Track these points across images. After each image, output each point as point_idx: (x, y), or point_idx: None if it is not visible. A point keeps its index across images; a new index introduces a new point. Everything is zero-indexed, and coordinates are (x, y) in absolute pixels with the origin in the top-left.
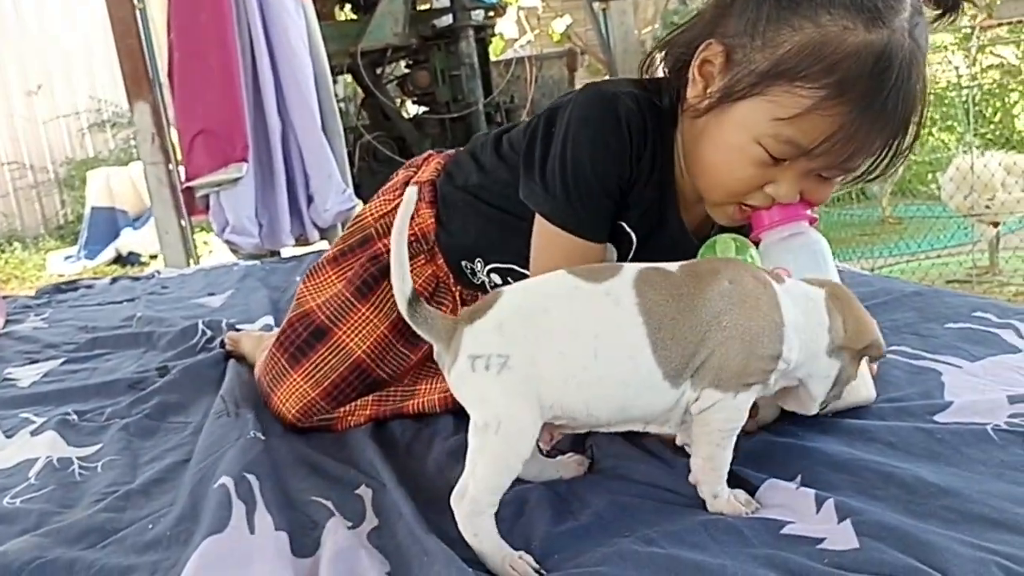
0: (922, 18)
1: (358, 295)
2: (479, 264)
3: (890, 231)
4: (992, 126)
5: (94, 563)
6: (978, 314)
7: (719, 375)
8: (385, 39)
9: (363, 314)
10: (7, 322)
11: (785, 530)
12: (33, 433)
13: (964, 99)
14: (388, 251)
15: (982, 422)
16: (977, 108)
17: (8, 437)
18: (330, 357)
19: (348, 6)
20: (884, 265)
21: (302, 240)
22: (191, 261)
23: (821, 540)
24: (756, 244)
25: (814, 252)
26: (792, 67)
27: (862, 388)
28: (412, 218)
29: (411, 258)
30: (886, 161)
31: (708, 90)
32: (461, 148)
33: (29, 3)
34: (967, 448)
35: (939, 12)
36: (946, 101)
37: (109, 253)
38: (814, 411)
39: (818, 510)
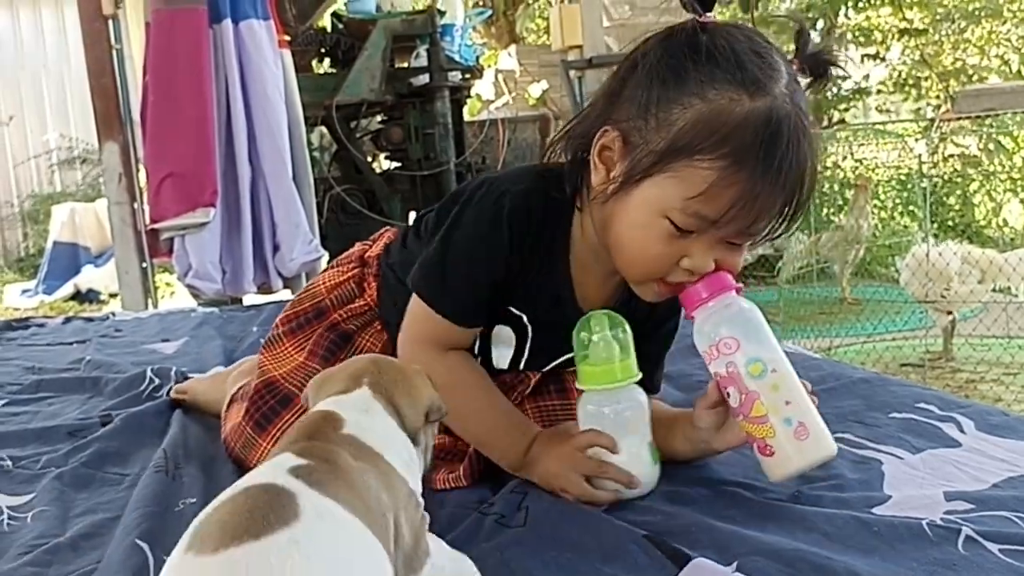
0: (798, 85)
1: (323, 363)
2: None
3: (848, 311)
4: (952, 214)
5: None
6: (921, 405)
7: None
8: (361, 94)
9: None
10: None
11: None
12: None
13: (924, 187)
14: (344, 319)
15: (918, 517)
16: (935, 196)
17: None
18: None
19: (327, 60)
20: (841, 345)
21: (265, 288)
22: (150, 302)
23: None
24: (661, 321)
25: (750, 320)
26: (688, 143)
27: (825, 444)
28: (362, 291)
29: (367, 324)
30: (788, 220)
31: (611, 175)
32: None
33: (6, 34)
34: (902, 544)
35: (810, 79)
36: (908, 187)
37: (68, 289)
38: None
39: None
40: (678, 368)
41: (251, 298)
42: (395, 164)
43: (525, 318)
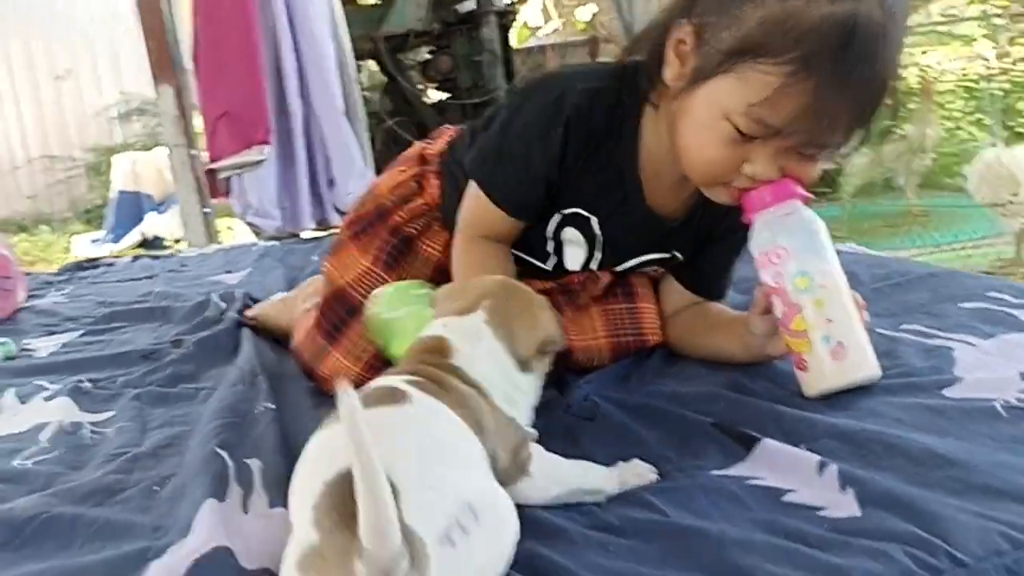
0: None
1: (387, 269)
2: None
3: (915, 223)
4: (1023, 119)
5: (97, 519)
6: (993, 294)
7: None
8: (407, 24)
9: None
10: (29, 297)
11: (786, 498)
12: (47, 399)
13: (992, 92)
14: (407, 222)
15: (990, 398)
16: (1005, 102)
17: (23, 403)
18: (366, 332)
19: None
20: (908, 257)
21: (323, 223)
22: (213, 244)
23: (822, 508)
24: (737, 226)
25: (808, 230)
26: (756, 43)
27: (865, 366)
28: (422, 189)
29: (428, 225)
30: (861, 134)
31: (682, 70)
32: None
33: None
34: (975, 423)
35: None
36: (975, 94)
37: (134, 237)
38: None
39: (820, 476)
40: (741, 273)
41: (309, 234)
42: (445, 95)
43: (594, 220)
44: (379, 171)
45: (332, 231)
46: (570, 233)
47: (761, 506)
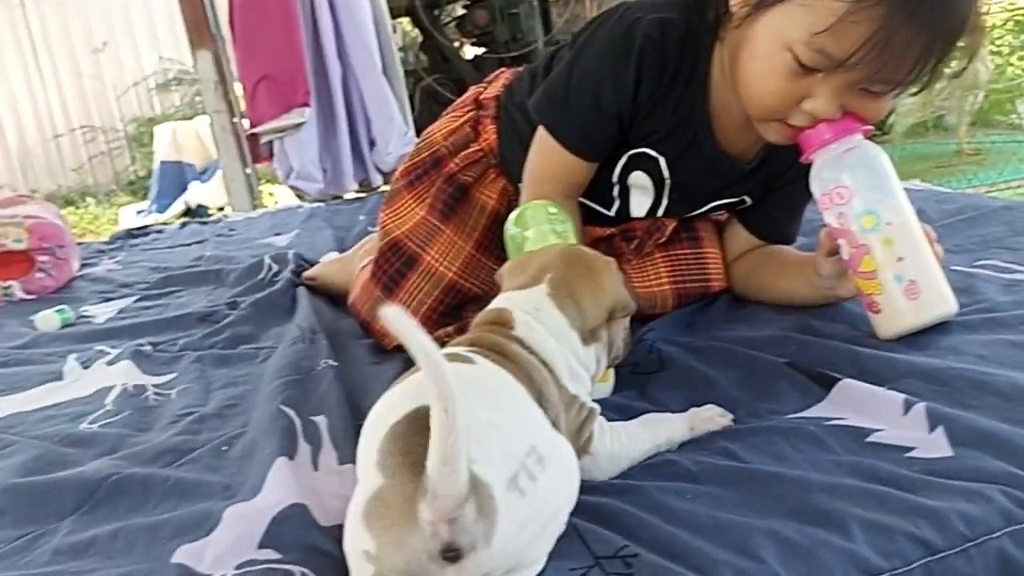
0: None
1: (442, 218)
2: None
3: (967, 162)
4: None
5: (168, 479)
6: None
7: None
8: None
9: (448, 236)
10: (82, 265)
11: (872, 438)
12: (109, 363)
13: None
14: (462, 169)
15: None
16: None
17: (85, 368)
18: (423, 283)
19: None
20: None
21: (365, 184)
22: (257, 208)
23: (911, 448)
24: (808, 167)
25: (872, 165)
26: None
27: (942, 302)
28: (478, 135)
29: (483, 172)
30: (929, 70)
31: None
32: (528, 65)
33: None
34: None
35: None
36: None
37: (179, 206)
38: None
39: (906, 416)
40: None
41: (352, 196)
42: (481, 49)
43: (662, 161)
44: (418, 130)
45: (375, 191)
46: (637, 177)
47: (845, 448)
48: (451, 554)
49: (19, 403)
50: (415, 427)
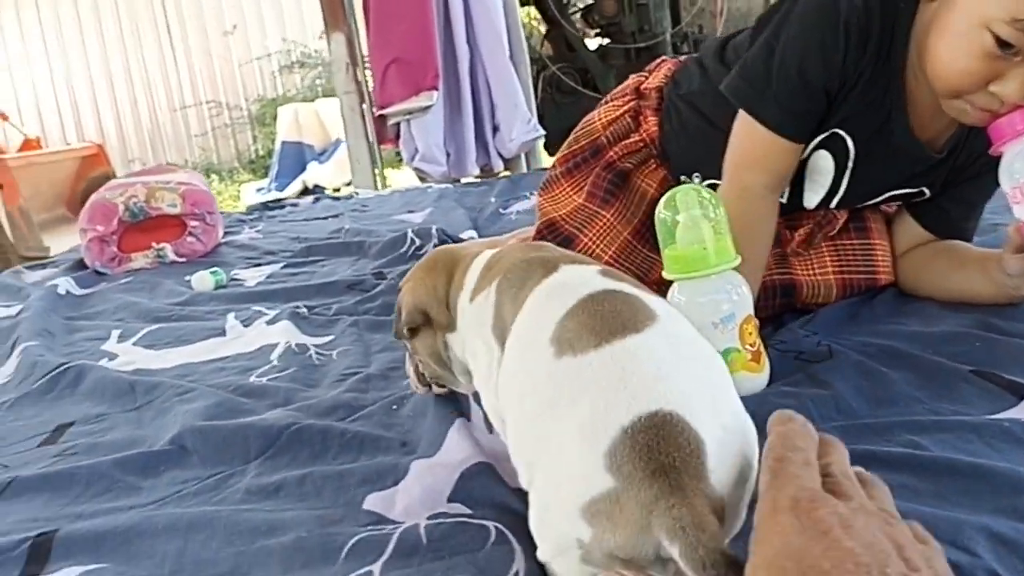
0: None
1: (602, 204)
2: (697, 179)
3: None
4: None
5: (346, 431)
6: None
7: None
8: None
9: (607, 221)
10: (224, 233)
11: None
12: (268, 323)
13: None
14: (621, 158)
15: None
16: None
17: (245, 326)
18: None
19: None
20: None
21: (487, 169)
22: (380, 189)
23: None
24: (997, 159)
25: None
26: None
27: None
28: (638, 125)
29: (643, 162)
30: None
31: None
32: (694, 55)
33: None
34: None
35: None
36: None
37: (297, 185)
38: None
39: None
40: None
41: (470, 180)
42: (606, 40)
43: (850, 141)
44: (541, 118)
45: (496, 176)
46: (819, 161)
47: None
48: None
49: (187, 355)
50: (653, 436)
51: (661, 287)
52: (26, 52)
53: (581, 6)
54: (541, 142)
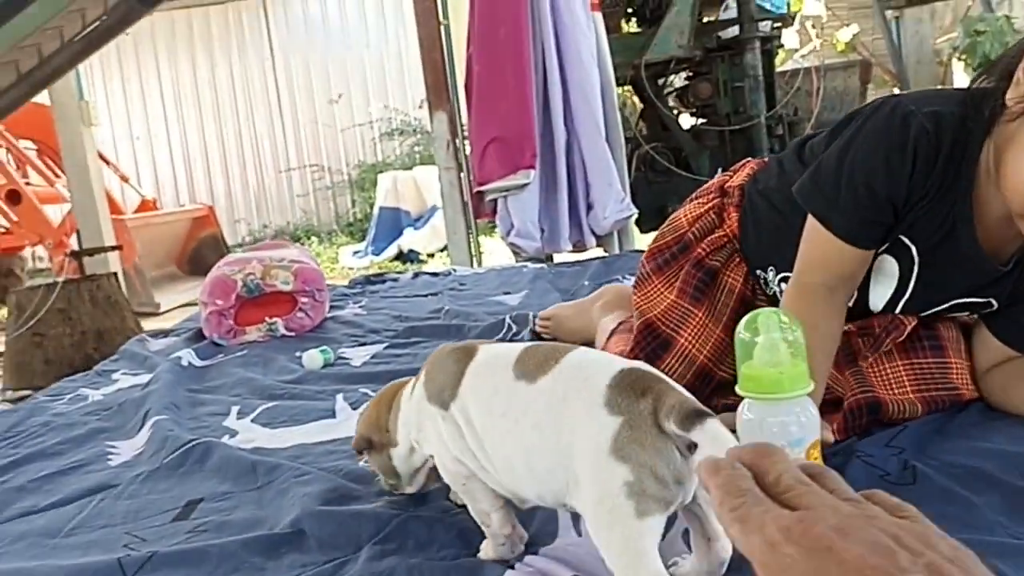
0: None
1: (693, 302)
2: (771, 273)
3: None
4: None
5: (455, 524)
6: None
7: None
8: (670, 51)
9: (700, 319)
10: (330, 307)
11: None
12: None
13: None
14: (708, 254)
15: None
16: None
17: (353, 408)
18: (677, 366)
19: (634, 19)
20: None
21: (579, 246)
22: (474, 261)
23: None
24: None
25: None
26: None
27: None
28: (722, 221)
29: (729, 257)
30: None
31: None
32: (775, 155)
33: (335, 19)
34: None
35: None
36: None
37: (392, 250)
38: None
39: None
40: None
41: (562, 256)
42: (700, 120)
43: (915, 249)
44: (634, 195)
45: (589, 255)
46: (884, 264)
47: None
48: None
49: (300, 435)
50: (632, 376)
51: None
52: (147, 118)
53: (677, 87)
54: (633, 220)
